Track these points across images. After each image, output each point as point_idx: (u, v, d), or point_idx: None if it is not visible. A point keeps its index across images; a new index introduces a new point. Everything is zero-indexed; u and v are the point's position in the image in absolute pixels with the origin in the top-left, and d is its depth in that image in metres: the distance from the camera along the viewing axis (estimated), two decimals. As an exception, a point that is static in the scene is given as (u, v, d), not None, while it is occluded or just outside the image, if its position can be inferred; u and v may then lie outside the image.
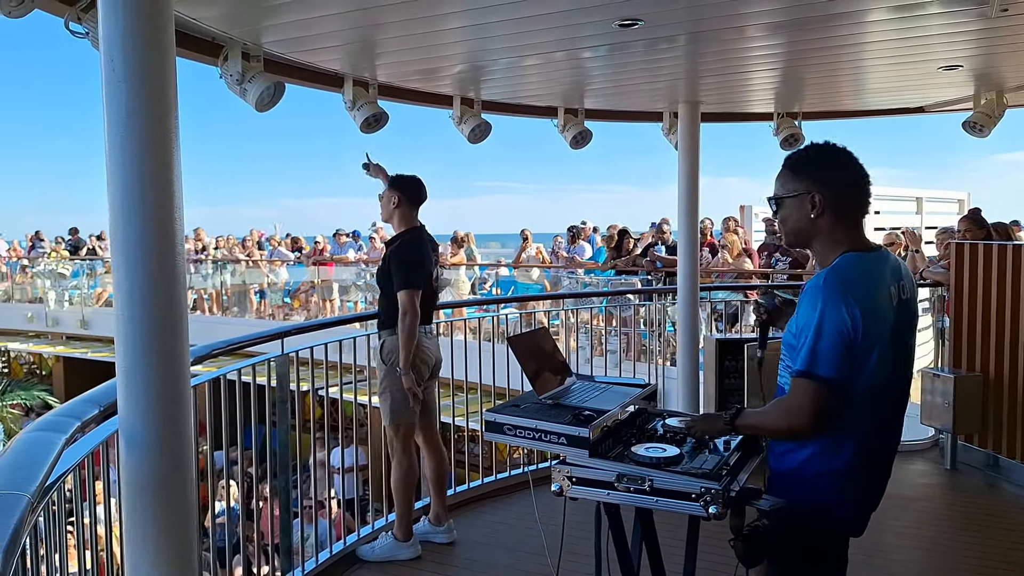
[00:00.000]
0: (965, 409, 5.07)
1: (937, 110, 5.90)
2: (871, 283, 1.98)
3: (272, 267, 13.96)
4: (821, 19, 3.61)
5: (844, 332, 1.91)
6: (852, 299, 1.92)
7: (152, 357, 1.90)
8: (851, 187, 2.05)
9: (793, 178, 2.06)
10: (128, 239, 1.85)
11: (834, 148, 2.06)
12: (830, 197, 2.01)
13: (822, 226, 2.03)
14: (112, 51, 1.81)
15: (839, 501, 2.05)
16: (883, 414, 2.05)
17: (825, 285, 1.94)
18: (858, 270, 1.98)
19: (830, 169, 2.05)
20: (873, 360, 1.96)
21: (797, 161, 2.08)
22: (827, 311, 1.91)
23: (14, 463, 1.71)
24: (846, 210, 2.04)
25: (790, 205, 2.06)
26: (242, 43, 3.57)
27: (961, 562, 3.92)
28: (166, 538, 1.98)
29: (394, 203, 3.96)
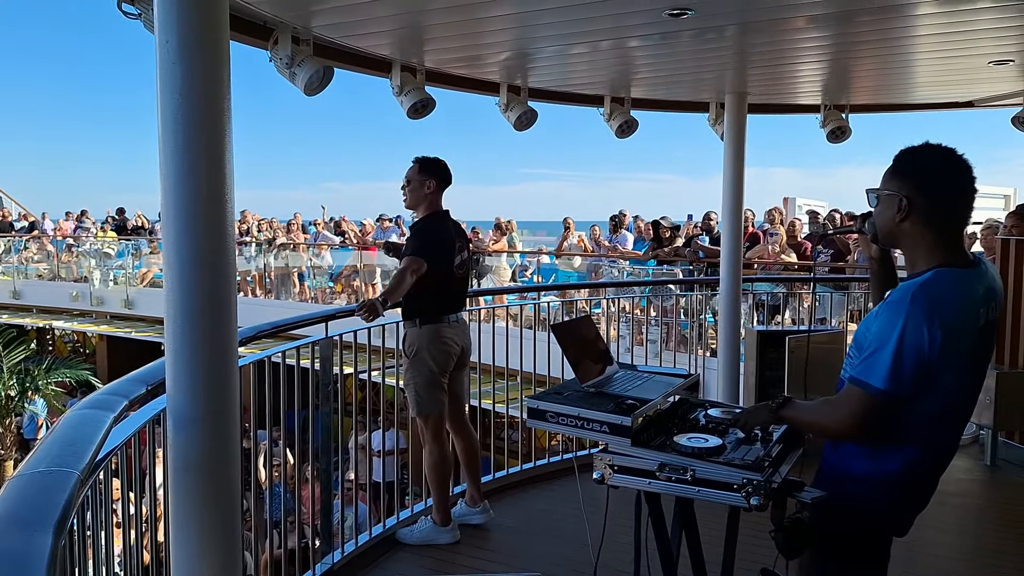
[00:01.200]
0: (1007, 405, 5.02)
1: (986, 105, 5.78)
2: (961, 306, 1.89)
3: (318, 251, 14.10)
4: (870, 11, 3.55)
5: (920, 353, 1.83)
6: (937, 322, 1.83)
7: (201, 338, 1.93)
8: (948, 197, 1.94)
9: (892, 176, 1.97)
10: (180, 220, 1.88)
11: (944, 152, 1.95)
12: (921, 204, 1.91)
13: (907, 231, 1.94)
14: (167, 33, 1.84)
15: (889, 503, 2.01)
16: (946, 431, 2.00)
17: (912, 302, 1.85)
18: (950, 290, 1.89)
19: (930, 175, 1.95)
20: (946, 383, 1.89)
21: (901, 159, 1.98)
22: (908, 329, 1.83)
23: (64, 439, 1.74)
24: (938, 220, 1.93)
25: (882, 202, 1.99)
26: (292, 27, 3.60)
27: (1001, 560, 3.87)
28: (211, 516, 2.02)
29: (430, 188, 3.89)
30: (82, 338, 16.85)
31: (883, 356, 1.86)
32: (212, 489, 2.02)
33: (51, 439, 1.75)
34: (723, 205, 5.51)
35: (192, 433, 1.99)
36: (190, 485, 2.01)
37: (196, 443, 1.99)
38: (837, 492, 2.01)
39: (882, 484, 1.99)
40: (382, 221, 14.05)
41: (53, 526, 1.30)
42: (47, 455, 1.61)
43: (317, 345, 3.71)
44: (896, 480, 1.98)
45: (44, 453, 1.63)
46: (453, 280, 3.93)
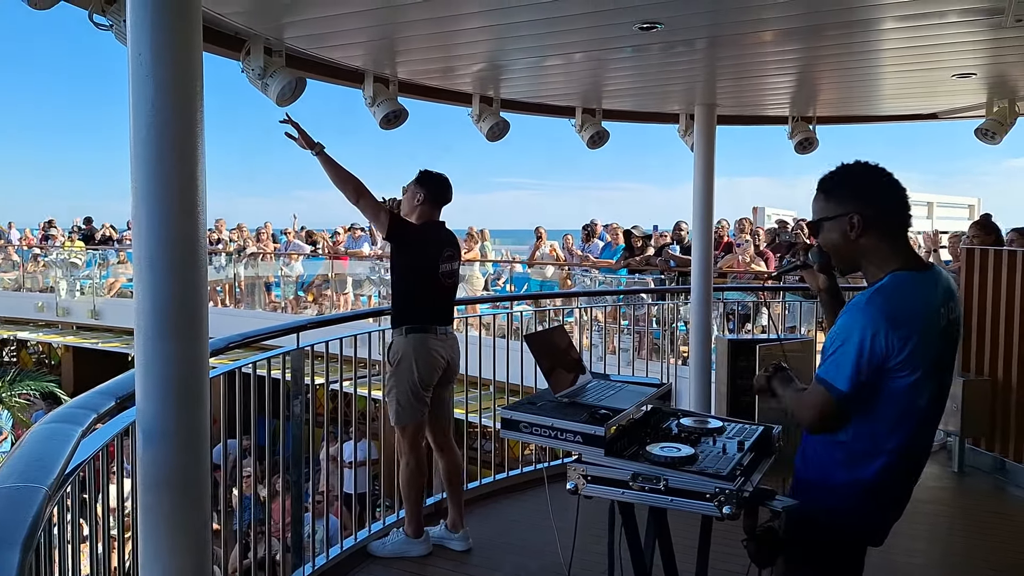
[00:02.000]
0: (973, 413, 5.11)
1: (950, 117, 5.91)
2: (919, 306, 1.92)
3: (289, 260, 14.00)
4: (837, 26, 3.63)
5: (881, 356, 1.87)
6: (897, 322, 1.87)
7: (172, 349, 1.91)
8: (889, 202, 1.98)
9: (828, 200, 2.00)
10: (152, 231, 1.86)
11: (866, 166, 2.00)
12: (871, 216, 1.94)
13: (864, 246, 1.96)
14: (140, 44, 1.82)
15: (863, 511, 2.04)
16: (916, 434, 2.02)
17: (868, 304, 1.89)
18: (908, 290, 1.92)
19: (864, 187, 1.98)
20: (910, 384, 1.91)
21: (830, 183, 2.01)
22: (868, 332, 1.87)
23: (31, 454, 1.71)
24: (888, 227, 1.96)
25: (829, 228, 2.00)
26: (264, 38, 3.59)
27: (969, 565, 3.94)
28: (181, 531, 1.99)
29: (419, 199, 3.86)
30: (47, 349, 16.52)
31: (845, 358, 1.90)
32: (182, 504, 1.99)
33: (18, 454, 1.72)
34: (693, 215, 5.57)
35: (162, 447, 1.96)
36: (160, 499, 1.98)
37: (166, 457, 1.96)
38: (813, 503, 2.04)
39: (857, 494, 2.01)
40: (354, 230, 13.99)
41: (21, 542, 1.28)
42: (14, 470, 1.59)
43: (288, 356, 3.68)
44: (871, 488, 2.00)
45: (11, 468, 1.60)
46: (440, 289, 3.86)
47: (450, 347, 3.95)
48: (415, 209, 3.88)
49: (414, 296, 3.81)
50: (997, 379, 5.14)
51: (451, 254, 3.92)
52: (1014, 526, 4.48)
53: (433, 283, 3.83)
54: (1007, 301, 5.06)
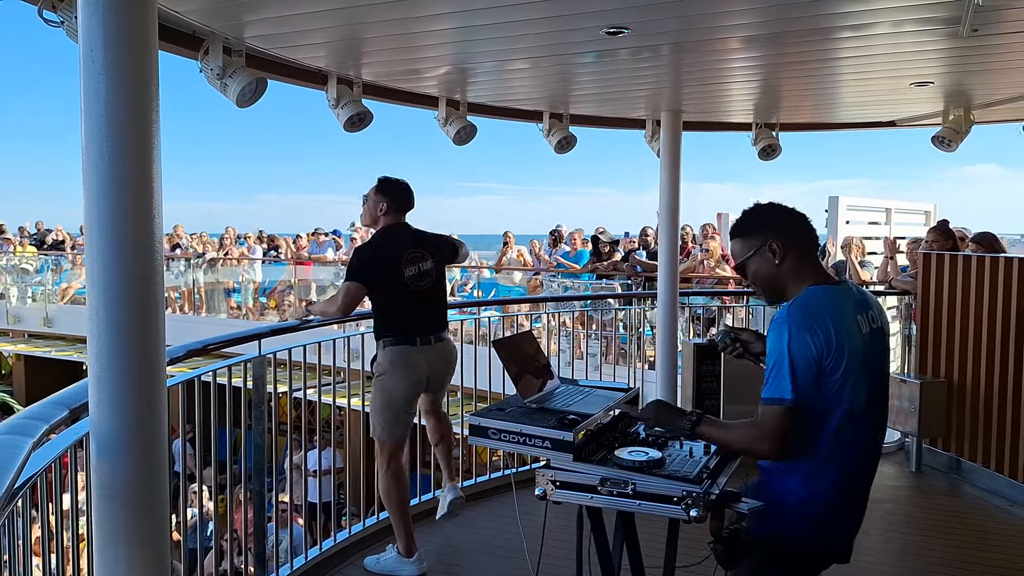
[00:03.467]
0: (930, 414, 5.22)
1: (908, 125, 6.04)
2: (835, 312, 2.05)
3: (246, 265, 13.79)
4: (797, 34, 3.67)
5: (809, 358, 1.96)
6: (816, 327, 1.98)
7: (127, 358, 1.85)
8: (796, 225, 2.17)
9: (745, 240, 2.18)
10: (105, 234, 1.80)
11: (765, 204, 2.23)
12: (785, 239, 2.12)
13: (787, 270, 2.13)
14: (91, 42, 1.76)
15: (823, 528, 2.08)
16: (861, 441, 2.08)
17: (789, 316, 2.01)
18: (821, 300, 2.06)
19: (772, 218, 2.18)
20: (847, 387, 2.00)
21: (741, 225, 2.20)
22: (792, 339, 1.97)
23: (-21, 467, 1.64)
24: (802, 247, 2.14)
25: (754, 263, 2.16)
26: (223, 37, 3.51)
27: (925, 563, 4.01)
28: (138, 544, 1.92)
29: (382, 209, 3.76)
30: (-2, 358, 16.08)
31: (781, 372, 1.97)
32: (139, 516, 1.93)
33: (-35, 467, 1.65)
34: (660, 220, 5.60)
35: (117, 458, 1.89)
36: (115, 512, 1.91)
37: (121, 468, 1.90)
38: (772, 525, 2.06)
39: (815, 506, 2.05)
40: (317, 235, 13.84)
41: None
42: (-40, 484, 1.52)
43: (250, 363, 3.60)
44: (827, 499, 2.05)
45: (-43, 482, 1.53)
46: (411, 296, 3.70)
47: (438, 356, 3.79)
48: (378, 219, 3.78)
49: (388, 310, 3.72)
50: (953, 381, 5.24)
51: (417, 255, 3.74)
52: (969, 524, 4.58)
53: (401, 293, 3.68)
54: (962, 305, 5.17)
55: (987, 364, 5.00)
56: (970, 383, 5.13)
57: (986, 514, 4.73)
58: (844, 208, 10.96)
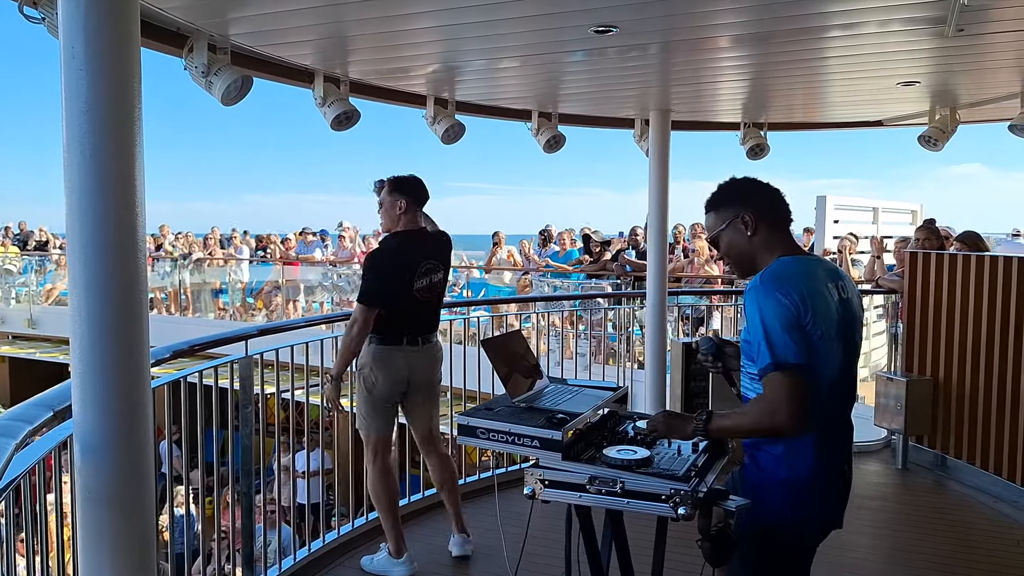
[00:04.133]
0: (916, 411, 5.24)
1: (895, 124, 6.06)
2: (806, 276, 2.07)
3: (234, 265, 13.73)
4: (785, 33, 3.68)
5: (791, 317, 1.96)
6: (789, 288, 1.99)
7: (110, 359, 1.82)
8: (769, 199, 2.18)
9: (718, 213, 2.19)
10: (87, 234, 1.77)
11: (739, 177, 2.24)
12: (758, 211, 2.14)
13: (759, 242, 2.14)
14: (72, 38, 1.74)
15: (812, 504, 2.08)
16: (837, 410, 2.11)
17: (761, 283, 2.03)
18: (791, 267, 2.08)
19: (745, 191, 2.19)
20: (824, 348, 2.00)
21: (714, 198, 2.21)
22: (767, 304, 1.98)
23: (-39, 469, 1.62)
24: (774, 220, 2.16)
25: (727, 235, 2.17)
26: (208, 34, 3.48)
27: (911, 560, 4.03)
28: (123, 547, 1.90)
29: (401, 207, 3.68)
30: (-18, 360, 15.92)
31: (769, 336, 1.96)
32: (124, 518, 1.90)
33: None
34: (649, 220, 5.60)
35: (102, 459, 1.87)
36: (100, 514, 1.89)
37: (106, 470, 1.87)
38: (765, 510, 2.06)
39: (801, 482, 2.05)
40: (305, 235, 13.79)
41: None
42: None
43: (236, 364, 3.58)
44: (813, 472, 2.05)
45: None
46: (414, 303, 3.67)
47: (422, 359, 3.77)
48: (398, 219, 3.70)
49: (387, 315, 3.64)
50: (939, 379, 5.27)
51: (431, 266, 3.73)
52: (955, 520, 4.61)
53: (406, 303, 3.66)
54: (948, 303, 5.20)
55: (972, 362, 5.03)
56: (956, 381, 5.16)
57: (972, 511, 4.76)
58: (832, 207, 11.02)
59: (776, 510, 2.06)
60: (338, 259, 12.73)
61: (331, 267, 12.75)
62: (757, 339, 1.98)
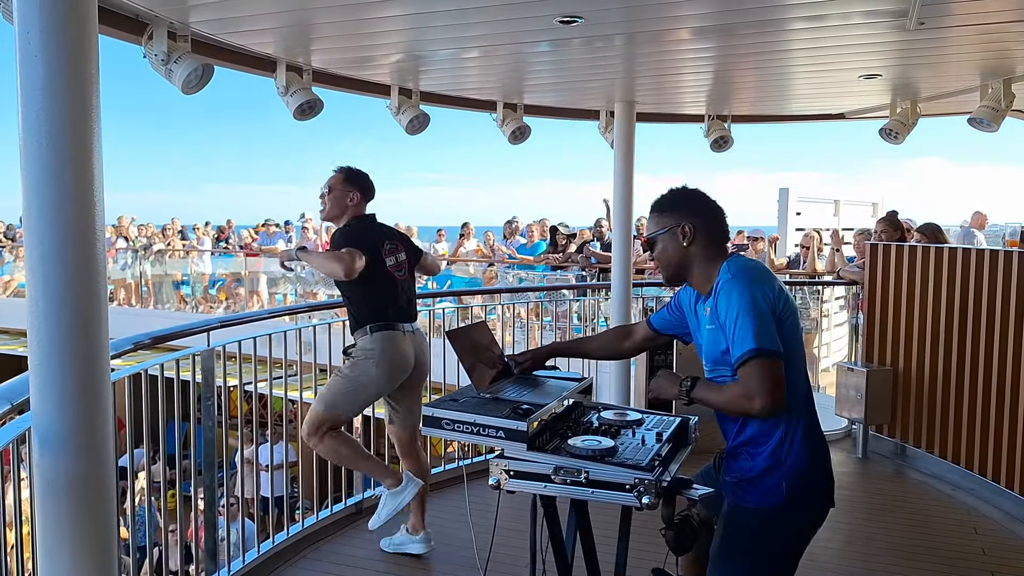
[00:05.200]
0: (876, 401, 5.34)
1: (856, 117, 6.14)
2: (765, 269, 2.19)
3: (195, 256, 13.53)
4: (747, 25, 3.71)
5: (767, 308, 2.05)
6: (763, 280, 2.09)
7: (68, 351, 1.79)
8: (713, 216, 2.24)
9: (661, 216, 2.25)
10: (43, 225, 1.74)
11: (691, 188, 2.29)
12: (699, 224, 2.20)
13: (695, 253, 2.20)
14: (28, 23, 1.70)
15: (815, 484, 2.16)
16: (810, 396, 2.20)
17: (733, 277, 2.10)
18: (750, 262, 2.18)
19: (691, 202, 2.26)
20: (798, 337, 2.13)
21: (661, 202, 2.27)
22: (745, 295, 2.04)
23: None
24: (714, 236, 2.22)
25: (663, 240, 2.23)
26: (168, 21, 3.42)
27: (872, 546, 4.11)
28: (83, 542, 1.87)
29: (353, 200, 3.64)
30: (-63, 353, 15.48)
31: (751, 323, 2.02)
32: (84, 513, 1.87)
33: None
34: (613, 212, 5.63)
35: (60, 453, 1.84)
36: (59, 509, 1.86)
37: (65, 464, 1.84)
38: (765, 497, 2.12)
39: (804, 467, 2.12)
40: (268, 226, 13.62)
41: None
42: None
43: (198, 356, 3.53)
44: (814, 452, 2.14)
45: None
46: (395, 283, 3.67)
47: (418, 346, 3.74)
48: (347, 209, 3.65)
49: (375, 293, 3.61)
50: (898, 369, 5.37)
51: (393, 246, 3.72)
52: (913, 508, 4.71)
53: (390, 280, 3.65)
54: (908, 295, 5.29)
55: (931, 352, 5.13)
56: (915, 371, 5.26)
57: (930, 498, 4.86)
58: (794, 199, 11.18)
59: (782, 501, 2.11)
60: (303, 250, 12.57)
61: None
62: (737, 328, 2.03)
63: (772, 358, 2.00)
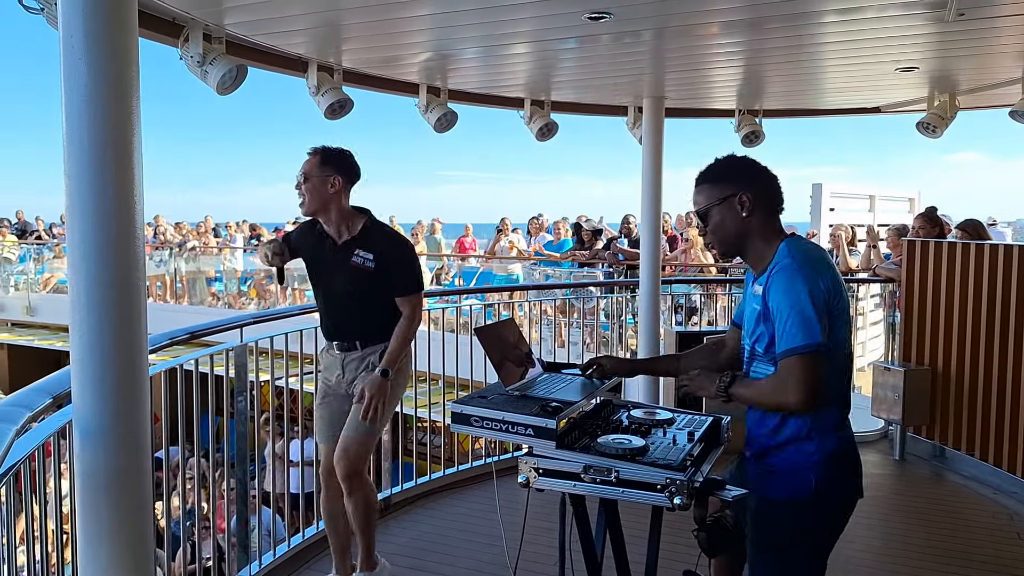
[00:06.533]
0: (914, 402, 5.20)
1: (893, 111, 6.02)
2: (824, 256, 2.13)
3: (228, 253, 13.71)
4: (780, 18, 3.66)
5: (823, 299, 2.00)
6: (823, 269, 2.04)
7: (109, 346, 1.84)
8: (769, 182, 2.17)
9: (714, 186, 2.15)
10: (86, 222, 1.78)
11: (740, 156, 2.20)
12: (756, 194, 2.12)
13: (754, 224, 2.12)
14: (71, 28, 1.74)
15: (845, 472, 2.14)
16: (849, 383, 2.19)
17: (794, 262, 2.03)
18: (810, 246, 2.13)
19: (746, 170, 2.18)
20: (845, 327, 2.09)
21: (713, 171, 2.17)
22: (802, 284, 2.00)
23: (-38, 455, 1.64)
24: (772, 205, 2.15)
25: (719, 212, 2.13)
26: (204, 24, 3.48)
27: (910, 550, 4.03)
28: (121, 532, 1.92)
29: (334, 187, 3.17)
30: (-19, 347, 15.86)
31: (808, 317, 1.98)
32: (122, 504, 1.92)
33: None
34: (642, 208, 5.60)
35: (100, 446, 1.89)
36: (99, 500, 1.91)
37: (105, 456, 1.89)
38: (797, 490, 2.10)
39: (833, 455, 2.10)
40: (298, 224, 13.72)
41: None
42: (-58, 473, 1.51)
43: (232, 352, 3.59)
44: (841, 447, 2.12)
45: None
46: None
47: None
48: (330, 199, 3.19)
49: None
50: (937, 369, 5.22)
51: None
52: (953, 512, 4.60)
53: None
54: (947, 293, 5.16)
55: (971, 352, 4.99)
56: (954, 371, 5.11)
57: (970, 502, 4.74)
58: (828, 195, 11.00)
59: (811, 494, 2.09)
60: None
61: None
62: (790, 314, 1.99)
63: (815, 355, 1.98)
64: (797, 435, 2.10)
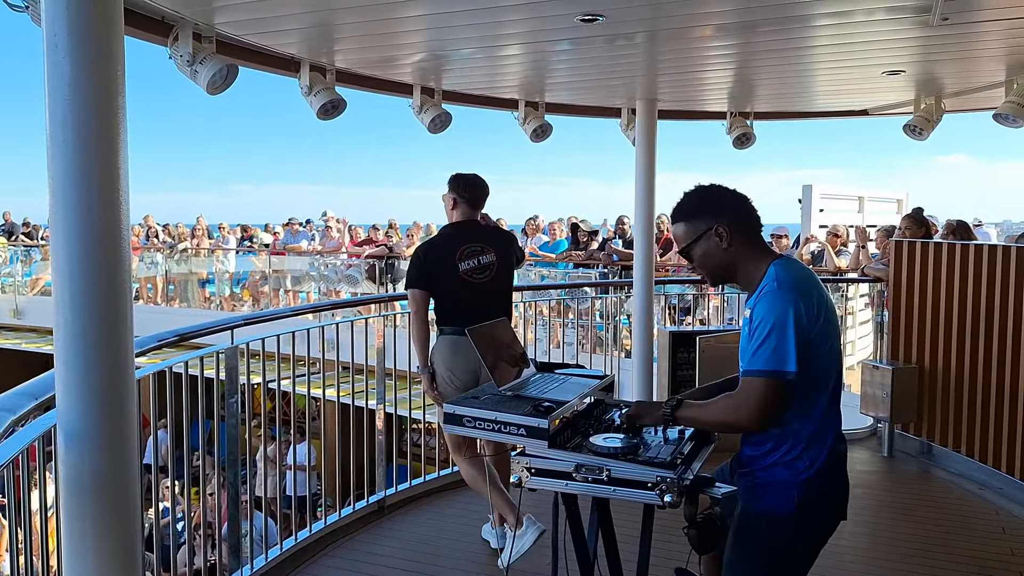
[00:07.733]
0: (902, 399, 5.27)
1: (880, 113, 6.08)
2: (812, 278, 2.11)
3: (220, 255, 13.66)
4: (771, 21, 3.68)
5: (802, 325, 1.98)
6: (805, 296, 2.01)
7: (94, 348, 1.81)
8: (742, 208, 2.17)
9: (688, 223, 2.16)
10: (69, 224, 1.76)
11: (709, 186, 2.21)
12: (735, 224, 2.13)
13: (735, 254, 2.13)
14: (55, 26, 1.72)
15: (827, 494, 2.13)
16: (838, 403, 2.16)
17: (780, 288, 2.02)
18: (799, 269, 2.11)
19: (715, 200, 2.18)
20: (828, 352, 2.06)
21: (684, 208, 2.18)
22: (784, 310, 1.98)
23: (-55, 458, 1.61)
24: (749, 228, 2.15)
25: (700, 247, 2.15)
26: (193, 23, 3.45)
27: (897, 546, 4.06)
28: (107, 538, 1.89)
29: (451, 204, 3.86)
30: (-34, 350, 15.75)
31: (784, 342, 1.97)
32: (108, 510, 1.89)
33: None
34: (636, 210, 5.61)
35: (86, 450, 1.86)
36: (84, 505, 1.88)
37: (90, 461, 1.86)
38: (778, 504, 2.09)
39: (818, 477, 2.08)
40: (291, 225, 13.72)
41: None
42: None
43: (222, 354, 3.57)
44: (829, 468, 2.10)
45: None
46: (466, 286, 3.73)
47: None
48: (451, 215, 3.89)
49: (443, 303, 3.78)
50: (924, 367, 5.30)
51: (477, 248, 3.78)
52: (940, 507, 4.65)
53: (451, 282, 3.73)
54: (934, 292, 5.22)
55: (958, 350, 5.06)
56: (941, 369, 5.18)
57: (957, 497, 4.80)
58: (818, 196, 11.05)
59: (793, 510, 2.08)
60: (324, 249, 12.68)
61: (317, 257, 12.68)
62: (766, 335, 1.99)
63: (778, 381, 1.98)
64: (788, 453, 2.09)
